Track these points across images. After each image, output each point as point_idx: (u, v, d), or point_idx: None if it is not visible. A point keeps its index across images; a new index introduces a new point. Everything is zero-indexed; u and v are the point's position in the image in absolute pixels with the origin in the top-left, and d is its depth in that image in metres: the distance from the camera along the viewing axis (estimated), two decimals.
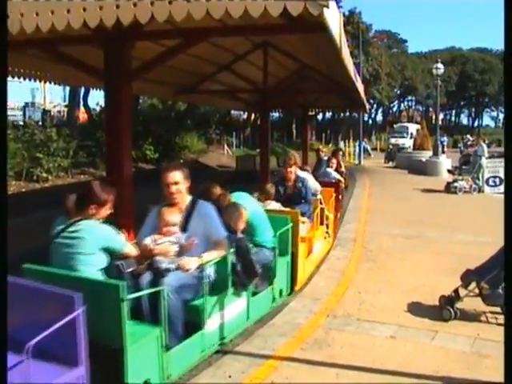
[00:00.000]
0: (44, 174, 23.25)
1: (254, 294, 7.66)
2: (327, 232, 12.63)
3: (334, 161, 17.06)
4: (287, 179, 11.23)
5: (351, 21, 56.64)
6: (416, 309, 8.20)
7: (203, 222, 6.58)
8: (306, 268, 10.02)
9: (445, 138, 66.03)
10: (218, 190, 8.09)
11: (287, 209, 10.12)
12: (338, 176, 16.42)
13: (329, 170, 16.66)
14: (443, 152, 44.64)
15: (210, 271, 6.47)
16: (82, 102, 38.02)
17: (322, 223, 12.02)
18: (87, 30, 6.81)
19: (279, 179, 11.57)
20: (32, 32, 6.24)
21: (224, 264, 6.67)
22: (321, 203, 12.09)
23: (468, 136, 63.74)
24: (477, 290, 7.84)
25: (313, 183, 12.32)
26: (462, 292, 7.92)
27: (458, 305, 7.82)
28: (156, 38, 9.42)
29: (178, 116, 42.58)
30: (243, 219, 7.49)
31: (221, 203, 7.61)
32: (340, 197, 15.72)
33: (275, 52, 16.59)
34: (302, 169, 12.75)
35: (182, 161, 36.15)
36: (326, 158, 18.04)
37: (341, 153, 19.47)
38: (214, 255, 6.55)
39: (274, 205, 10.03)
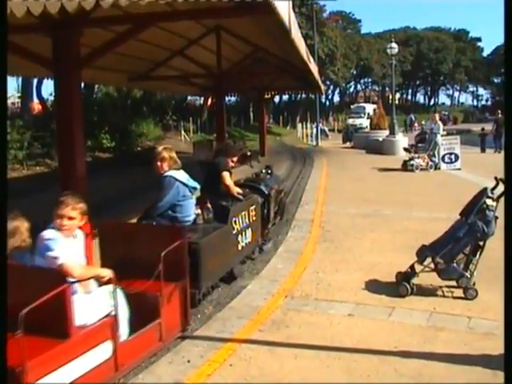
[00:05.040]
0: None
1: None
2: None
3: None
4: None
5: (305, 2, 56.56)
6: (373, 286, 8.27)
7: None
8: None
9: (412, 116, 67.34)
10: None
11: None
12: None
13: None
14: (413, 129, 45.16)
15: None
16: (35, 93, 37.44)
17: None
18: (33, 18, 6.71)
19: None
20: None
21: None
22: None
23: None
24: (432, 265, 7.95)
25: None
26: (418, 268, 8.00)
27: (415, 280, 7.91)
28: (104, 24, 9.37)
29: (134, 103, 42.23)
30: None
31: None
32: None
33: (228, 36, 16.61)
34: None
35: (139, 148, 35.89)
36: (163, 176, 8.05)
37: (229, 146, 11.08)
38: None
39: None
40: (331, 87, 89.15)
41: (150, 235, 6.85)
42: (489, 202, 7.67)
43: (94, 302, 5.40)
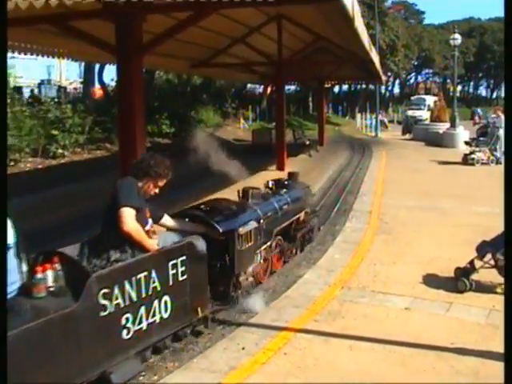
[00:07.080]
0: (60, 151, 23.19)
1: None
2: None
3: None
4: None
5: None
6: (431, 280, 8.16)
7: None
8: None
9: (479, 109, 66.08)
10: None
11: None
12: None
13: None
14: (477, 123, 44.33)
15: None
16: (97, 78, 37.94)
17: None
18: (98, 4, 6.78)
19: None
20: (41, 7, 6.23)
21: None
22: None
23: None
24: (492, 262, 7.79)
25: None
26: (478, 263, 7.87)
27: (474, 276, 7.78)
28: (167, 10, 9.41)
29: (194, 90, 42.50)
30: None
31: None
32: None
33: (289, 24, 16.52)
34: None
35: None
36: None
37: None
38: None
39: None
40: (391, 78, 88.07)
41: None
42: None
43: None
